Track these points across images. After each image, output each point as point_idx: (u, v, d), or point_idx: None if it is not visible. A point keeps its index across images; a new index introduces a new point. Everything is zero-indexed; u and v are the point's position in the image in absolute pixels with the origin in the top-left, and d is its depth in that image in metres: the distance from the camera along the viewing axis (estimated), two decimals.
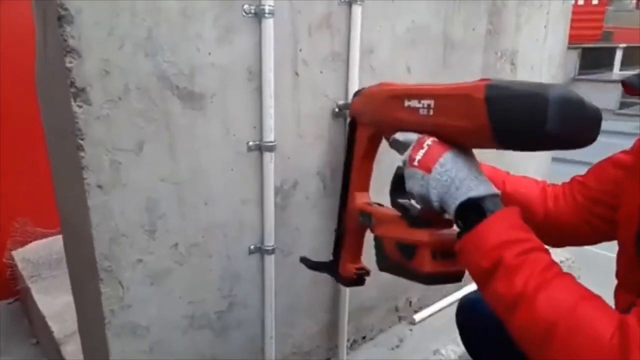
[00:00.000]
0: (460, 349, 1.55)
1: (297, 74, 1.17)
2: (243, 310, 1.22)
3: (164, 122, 0.97)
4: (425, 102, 0.75)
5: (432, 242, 0.75)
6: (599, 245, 0.96)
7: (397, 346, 1.62)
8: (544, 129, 0.59)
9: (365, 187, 1.07)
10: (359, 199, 1.05)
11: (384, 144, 0.96)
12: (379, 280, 0.99)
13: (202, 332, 1.15)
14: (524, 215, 0.69)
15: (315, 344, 1.45)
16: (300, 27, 1.14)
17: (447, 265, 0.75)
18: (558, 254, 2.44)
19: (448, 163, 0.69)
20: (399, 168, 0.83)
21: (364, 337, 1.62)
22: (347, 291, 1.44)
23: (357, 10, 1.22)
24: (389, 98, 0.87)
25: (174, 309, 1.09)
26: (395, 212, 0.86)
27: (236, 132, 1.09)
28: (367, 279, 1.10)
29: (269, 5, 1.03)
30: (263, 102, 1.10)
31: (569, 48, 2.57)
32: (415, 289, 1.74)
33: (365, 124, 1.02)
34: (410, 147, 0.75)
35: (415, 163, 0.72)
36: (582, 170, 0.98)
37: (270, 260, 1.21)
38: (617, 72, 4.81)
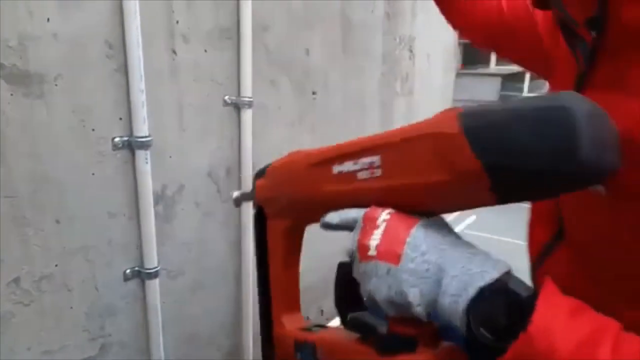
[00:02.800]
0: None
1: (174, 52, 0.95)
2: (121, 351, 0.97)
3: None
4: (366, 160, 0.53)
5: None
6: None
7: None
8: (577, 158, 0.39)
9: (294, 306, 0.73)
10: (290, 325, 0.71)
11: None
12: None
13: None
14: None
15: None
16: None
17: None
18: None
19: (422, 243, 0.48)
20: (341, 266, 0.59)
21: None
22: (250, 313, 1.25)
23: None
24: (309, 168, 0.60)
25: None
26: (351, 335, 0.59)
27: (95, 125, 0.84)
28: None
29: None
30: (130, 86, 0.86)
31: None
32: (327, 297, 1.60)
33: (277, 215, 0.71)
34: (357, 231, 0.52)
35: (372, 252, 0.49)
36: None
37: (153, 285, 0.98)
38: (493, 66, 5.22)
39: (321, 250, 0.95)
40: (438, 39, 1.97)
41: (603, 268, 0.54)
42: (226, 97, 1.08)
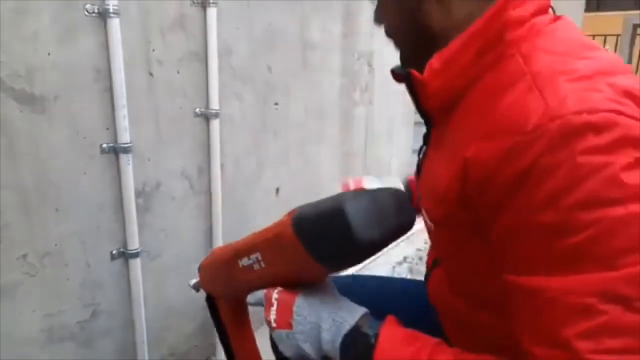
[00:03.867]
0: None
1: (151, 74, 1.17)
2: (109, 318, 1.19)
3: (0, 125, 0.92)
4: (254, 256, 0.69)
5: None
6: None
7: None
8: (358, 239, 0.56)
9: None
10: None
11: None
12: None
13: (64, 345, 1.10)
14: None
15: (192, 344, 1.45)
16: (152, 27, 1.14)
17: None
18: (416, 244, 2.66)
19: (304, 309, 0.63)
20: (270, 332, 0.75)
21: None
22: None
23: (212, 12, 1.25)
24: (223, 264, 0.78)
25: (27, 324, 1.03)
26: None
27: (86, 134, 1.06)
28: None
29: (114, 5, 1.02)
30: (115, 102, 1.08)
31: None
32: None
33: (220, 297, 0.90)
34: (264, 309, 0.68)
35: (274, 324, 0.65)
36: None
37: (135, 264, 1.19)
38: None
39: None
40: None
41: (455, 280, 0.72)
42: (196, 109, 1.29)
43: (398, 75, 0.70)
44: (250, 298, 0.76)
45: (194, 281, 0.99)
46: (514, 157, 0.48)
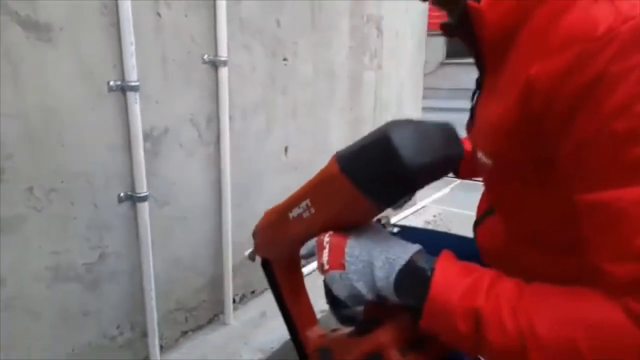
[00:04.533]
0: None
1: (159, 14, 1.15)
2: (116, 262, 1.17)
3: (1, 49, 0.90)
4: (303, 203, 0.70)
5: (391, 339, 0.66)
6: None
7: None
8: (408, 169, 0.55)
9: (312, 321, 0.95)
10: (312, 336, 0.92)
11: None
12: None
13: (70, 286, 1.08)
14: None
15: (201, 299, 1.43)
16: None
17: (423, 354, 0.65)
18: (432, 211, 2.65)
19: (356, 249, 0.64)
20: (324, 281, 0.75)
21: (252, 292, 1.63)
22: (229, 243, 1.44)
23: None
24: (276, 221, 0.80)
25: (33, 260, 1.01)
26: (345, 330, 0.76)
27: (93, 69, 1.04)
28: (248, 235, 1.00)
29: None
30: (122, 39, 1.06)
31: (435, 35, 2.81)
32: None
33: (276, 259, 0.94)
34: (315, 255, 0.69)
35: (326, 267, 0.65)
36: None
37: (143, 208, 1.18)
38: None
39: None
40: (407, 19, 2.17)
41: (514, 223, 0.70)
42: (205, 56, 1.28)
43: (446, 26, 0.70)
44: (303, 250, 0.75)
45: (249, 251, 1.04)
46: (583, 65, 0.46)
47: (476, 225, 0.87)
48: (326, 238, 0.66)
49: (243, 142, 1.45)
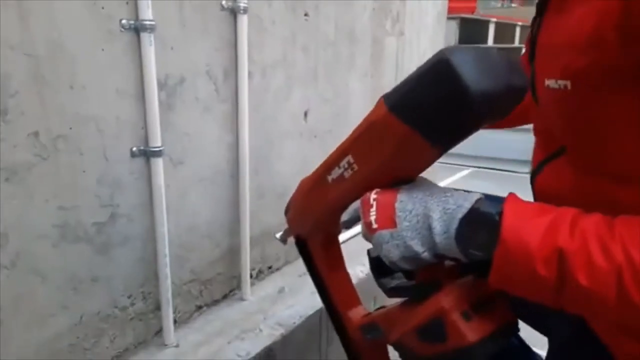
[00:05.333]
0: (367, 268, 1.53)
1: None
2: (128, 223, 1.07)
3: None
4: (344, 161, 0.63)
5: (452, 302, 0.57)
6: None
7: (305, 273, 1.54)
8: (471, 93, 0.47)
9: (354, 301, 0.86)
10: (355, 317, 0.83)
11: None
12: (281, 207, 0.90)
13: (78, 247, 0.98)
14: None
15: (216, 271, 1.33)
16: None
17: (490, 318, 0.57)
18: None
19: (408, 203, 0.56)
20: (368, 252, 0.70)
21: (270, 267, 1.53)
22: (247, 212, 1.34)
23: None
24: (313, 188, 0.73)
25: (39, 214, 0.91)
26: (397, 302, 0.68)
27: (105, 4, 0.93)
28: (267, 205, 0.94)
29: None
30: None
31: (448, 18, 2.71)
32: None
33: (311, 235, 0.85)
34: (361, 217, 0.61)
35: (374, 226, 0.58)
36: None
37: (157, 164, 1.07)
38: (491, 43, 5.33)
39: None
40: None
41: (596, 154, 0.59)
42: (223, 2, 1.17)
43: None
44: (344, 215, 0.66)
45: (280, 233, 0.95)
46: None
47: (534, 175, 0.76)
48: (373, 195, 0.59)
49: (262, 101, 1.35)
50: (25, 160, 0.87)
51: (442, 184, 1.09)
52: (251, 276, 1.44)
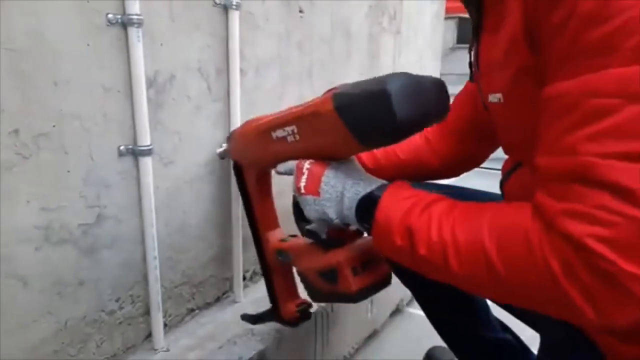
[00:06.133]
0: None
1: None
2: (116, 225, 1.03)
3: None
4: (289, 128, 0.76)
5: (347, 259, 0.76)
6: None
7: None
8: (396, 120, 0.60)
9: (274, 224, 1.05)
10: (272, 238, 1.02)
11: None
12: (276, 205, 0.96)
13: (63, 249, 0.94)
14: (420, 173, 0.82)
15: (209, 274, 1.30)
16: None
17: (371, 275, 0.77)
18: None
19: (331, 179, 0.70)
20: (293, 198, 0.85)
21: None
22: (239, 214, 1.31)
23: None
24: (257, 135, 0.86)
25: (21, 216, 0.87)
26: (307, 241, 0.86)
27: None
28: None
29: None
30: None
31: (446, 18, 2.68)
32: None
33: (248, 166, 1.00)
34: (293, 176, 0.76)
35: (303, 190, 0.72)
36: None
37: (146, 163, 1.04)
38: None
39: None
40: None
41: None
42: None
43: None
44: (281, 167, 0.82)
45: (221, 149, 1.11)
46: None
47: (502, 184, 0.87)
48: (306, 165, 0.73)
49: (255, 99, 1.31)
50: (5, 159, 0.84)
51: (445, 182, 1.09)
52: (244, 278, 1.41)
